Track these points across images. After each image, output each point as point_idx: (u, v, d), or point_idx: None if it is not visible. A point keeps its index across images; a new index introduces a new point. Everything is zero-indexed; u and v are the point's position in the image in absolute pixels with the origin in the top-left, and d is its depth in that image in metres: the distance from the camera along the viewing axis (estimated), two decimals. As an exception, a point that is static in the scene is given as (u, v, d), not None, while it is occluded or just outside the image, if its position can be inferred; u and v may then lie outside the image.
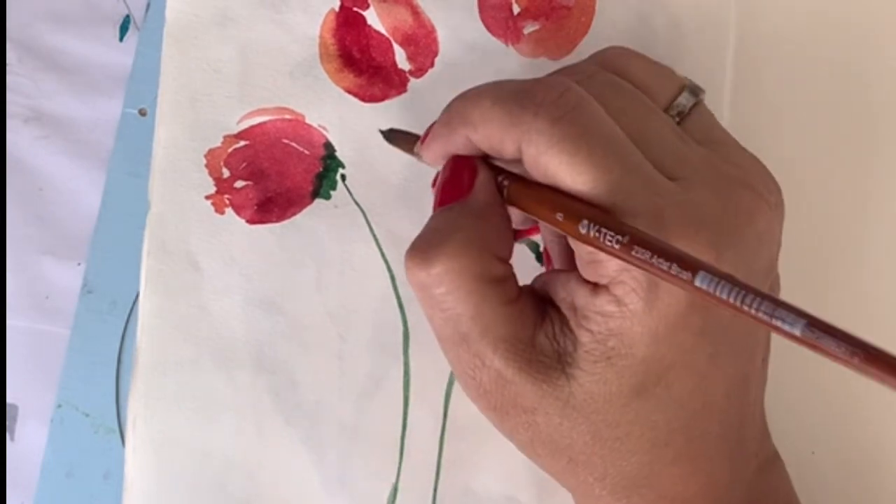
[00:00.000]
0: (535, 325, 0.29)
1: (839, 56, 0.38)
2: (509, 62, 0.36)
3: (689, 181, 0.28)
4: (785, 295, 0.30)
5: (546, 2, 0.36)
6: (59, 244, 0.38)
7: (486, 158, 0.31)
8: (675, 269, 0.25)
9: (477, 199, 0.30)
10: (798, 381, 0.37)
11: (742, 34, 0.37)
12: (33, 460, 0.37)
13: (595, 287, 0.28)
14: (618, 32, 0.36)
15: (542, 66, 0.36)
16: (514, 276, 0.30)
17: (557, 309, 0.29)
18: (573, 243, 0.28)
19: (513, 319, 0.29)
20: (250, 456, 0.35)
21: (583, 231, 0.27)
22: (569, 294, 0.29)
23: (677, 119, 0.31)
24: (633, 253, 0.26)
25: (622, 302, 0.27)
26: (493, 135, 0.29)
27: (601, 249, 0.27)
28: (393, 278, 0.36)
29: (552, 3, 0.36)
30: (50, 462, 0.36)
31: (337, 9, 0.36)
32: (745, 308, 0.24)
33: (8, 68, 0.39)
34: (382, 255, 0.36)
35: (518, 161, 0.29)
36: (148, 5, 0.38)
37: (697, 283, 0.25)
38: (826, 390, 0.37)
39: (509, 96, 0.29)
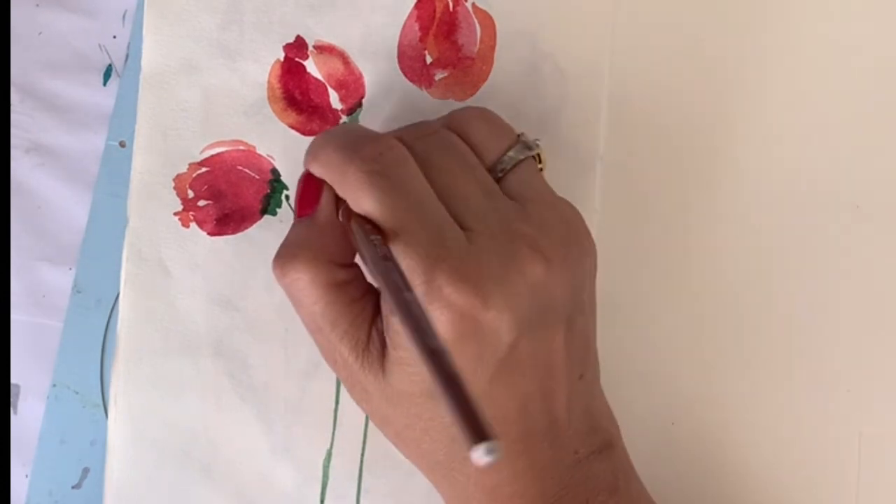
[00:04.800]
0: (372, 320, 0.31)
1: (703, 95, 0.39)
2: (423, 103, 0.37)
3: (476, 234, 0.30)
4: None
5: (453, 53, 0.37)
6: (54, 252, 0.39)
7: None
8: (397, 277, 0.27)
9: (321, 216, 0.32)
10: (659, 355, 0.37)
11: (615, 80, 0.38)
12: (33, 430, 0.38)
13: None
14: (512, 79, 0.37)
15: (451, 106, 0.37)
16: (359, 276, 0.32)
17: None
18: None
19: (353, 316, 0.31)
20: (210, 427, 0.37)
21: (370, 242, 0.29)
22: (383, 305, 0.31)
23: (500, 174, 0.32)
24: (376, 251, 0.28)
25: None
26: (328, 176, 0.31)
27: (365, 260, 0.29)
28: None
29: (458, 54, 0.37)
30: (46, 431, 0.38)
31: (282, 59, 0.37)
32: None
33: (11, 108, 0.40)
34: None
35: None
36: (127, 56, 0.40)
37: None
38: (684, 364, 0.38)
39: (345, 146, 0.31)
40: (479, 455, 0.21)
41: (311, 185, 0.33)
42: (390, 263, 0.28)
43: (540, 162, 0.34)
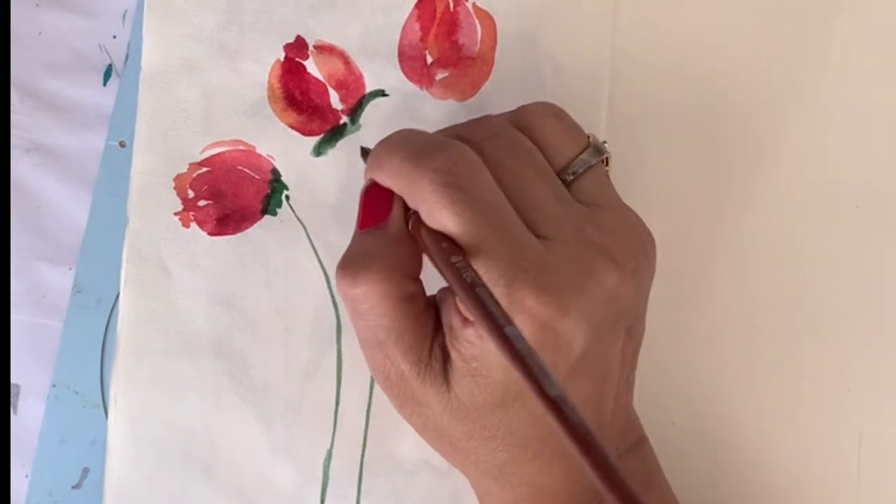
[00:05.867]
0: (434, 335, 0.31)
1: (703, 95, 0.39)
2: (423, 103, 0.37)
3: (553, 242, 0.29)
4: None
5: (454, 53, 0.38)
6: (54, 252, 0.39)
7: None
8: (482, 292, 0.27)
9: (392, 227, 0.31)
10: (660, 355, 0.37)
11: (615, 80, 0.38)
12: (33, 430, 0.38)
13: (465, 319, 0.30)
14: (513, 79, 0.38)
15: (451, 106, 0.38)
16: (422, 291, 0.31)
17: None
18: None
19: (418, 330, 0.30)
20: (210, 427, 0.37)
21: (453, 261, 0.28)
22: (448, 317, 0.30)
23: (571, 177, 0.32)
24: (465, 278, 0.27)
25: (482, 337, 0.29)
26: (397, 186, 0.31)
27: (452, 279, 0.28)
28: (328, 281, 0.37)
29: (459, 54, 0.38)
30: (46, 431, 0.38)
31: (282, 59, 0.38)
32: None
33: (11, 108, 0.40)
34: (320, 262, 0.37)
35: None
36: (127, 56, 0.39)
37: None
38: (686, 365, 0.38)
39: (414, 155, 0.30)
40: None
41: (375, 195, 0.32)
42: (472, 276, 0.28)
43: (607, 165, 0.34)
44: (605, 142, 0.34)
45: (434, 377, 0.31)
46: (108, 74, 0.40)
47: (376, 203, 0.32)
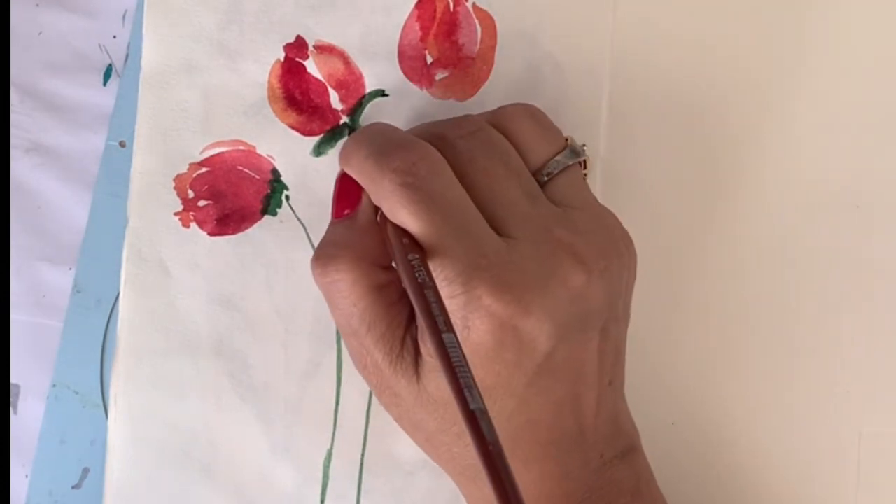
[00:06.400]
0: (407, 325, 0.31)
1: (704, 95, 0.39)
2: (423, 103, 0.37)
3: (518, 242, 0.30)
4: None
5: (454, 53, 0.38)
6: (54, 252, 0.39)
7: None
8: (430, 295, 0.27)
9: (361, 217, 0.32)
10: (659, 355, 0.37)
11: (615, 80, 0.38)
12: (33, 430, 0.38)
13: None
14: (513, 79, 0.38)
15: (451, 106, 0.38)
16: (397, 280, 0.32)
17: None
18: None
19: (390, 320, 0.31)
20: (210, 427, 0.37)
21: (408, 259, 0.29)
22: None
23: (546, 178, 0.32)
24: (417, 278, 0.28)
25: None
26: (362, 182, 0.31)
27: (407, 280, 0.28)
28: None
29: (459, 54, 0.38)
30: (46, 431, 0.38)
31: (282, 59, 0.37)
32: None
33: (11, 108, 0.40)
34: None
35: None
36: (127, 56, 0.40)
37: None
38: (684, 364, 0.38)
39: (377, 153, 0.30)
40: None
41: (347, 185, 0.32)
42: (424, 277, 0.28)
43: (584, 168, 0.34)
44: (584, 145, 0.34)
45: (405, 368, 0.31)
46: (108, 74, 0.40)
47: (347, 193, 0.32)
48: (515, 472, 0.29)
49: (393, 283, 0.32)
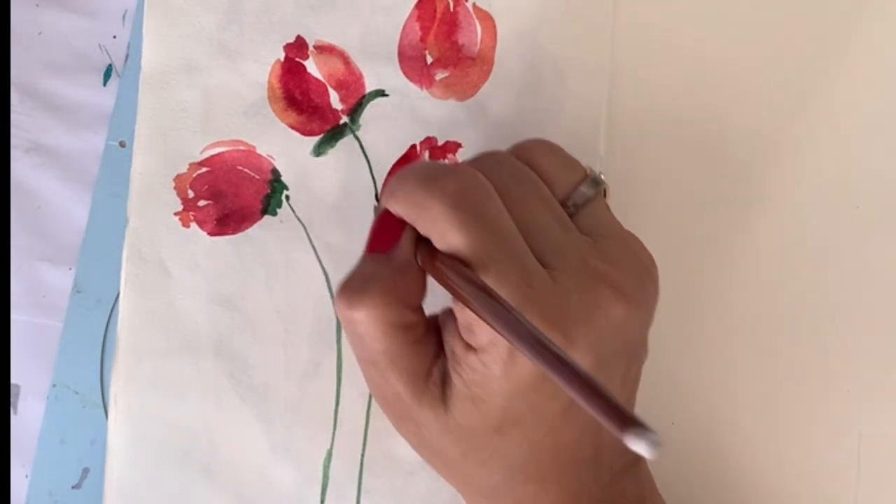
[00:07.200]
0: (434, 358, 0.31)
1: (703, 95, 0.39)
2: (423, 103, 0.38)
3: (558, 272, 0.29)
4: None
5: (454, 53, 0.38)
6: (54, 252, 0.39)
7: None
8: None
9: (398, 255, 0.31)
10: (659, 355, 0.36)
11: (615, 80, 0.38)
12: (32, 430, 0.38)
13: (468, 345, 0.30)
14: (513, 79, 0.38)
15: (451, 107, 0.38)
16: (422, 319, 0.31)
17: None
18: (456, 309, 0.30)
19: (415, 355, 0.30)
20: (211, 427, 0.37)
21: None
22: (451, 342, 0.30)
23: (572, 209, 0.32)
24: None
25: (486, 365, 0.29)
26: (409, 213, 0.30)
27: (471, 308, 0.28)
28: (328, 281, 0.37)
29: (459, 54, 0.38)
30: (46, 431, 0.38)
31: (282, 59, 0.38)
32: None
33: (11, 108, 0.40)
34: (319, 261, 0.37)
35: None
36: (127, 56, 0.40)
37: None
38: (684, 364, 0.38)
39: (426, 180, 0.30)
40: (647, 449, 0.21)
41: (387, 223, 0.32)
42: (488, 293, 0.27)
43: (605, 196, 0.34)
44: (601, 173, 0.34)
45: (431, 399, 0.31)
46: (108, 74, 0.40)
47: (387, 230, 0.32)
48: (536, 494, 0.31)
49: (418, 323, 0.31)
